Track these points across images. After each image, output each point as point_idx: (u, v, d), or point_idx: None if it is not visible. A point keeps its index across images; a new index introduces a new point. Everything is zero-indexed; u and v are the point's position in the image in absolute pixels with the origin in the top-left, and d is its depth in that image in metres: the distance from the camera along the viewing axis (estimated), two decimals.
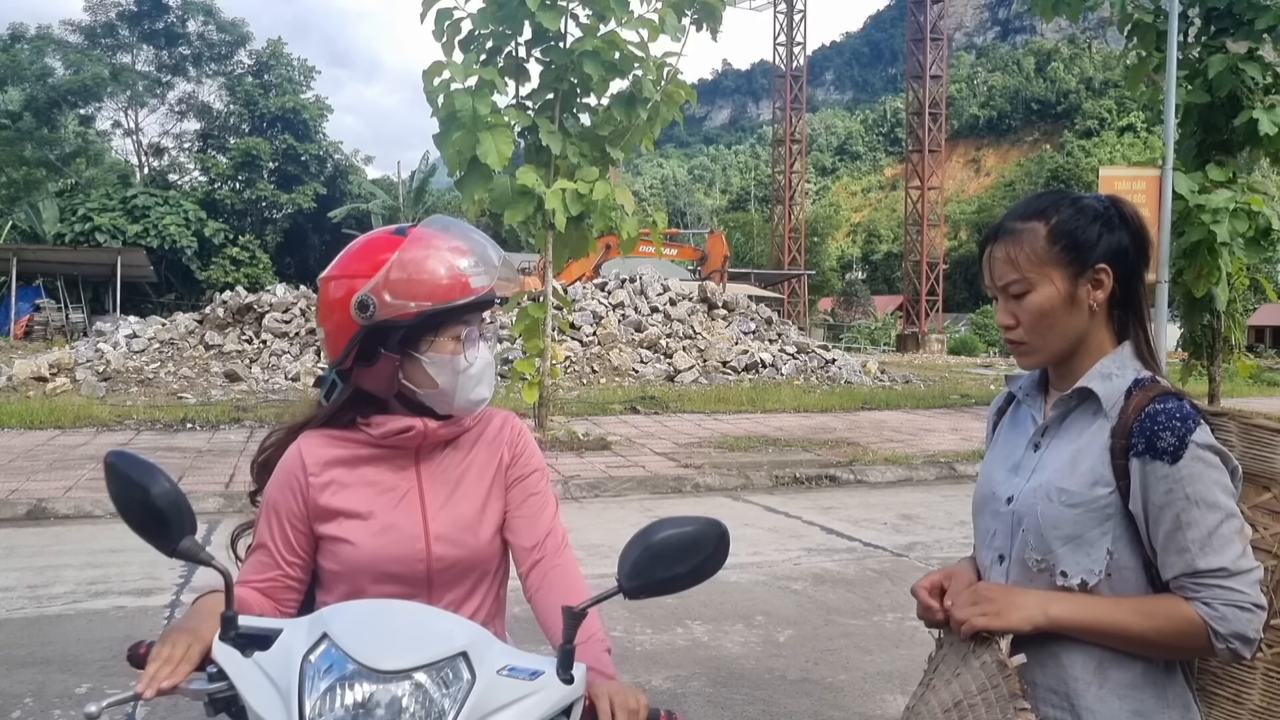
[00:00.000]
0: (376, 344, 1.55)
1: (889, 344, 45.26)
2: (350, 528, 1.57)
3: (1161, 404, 1.38)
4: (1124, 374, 1.45)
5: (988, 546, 1.53)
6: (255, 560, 1.61)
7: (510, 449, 1.69)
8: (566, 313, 15.07)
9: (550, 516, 1.67)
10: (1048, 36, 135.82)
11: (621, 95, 9.44)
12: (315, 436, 1.62)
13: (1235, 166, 11.92)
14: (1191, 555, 1.34)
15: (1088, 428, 1.44)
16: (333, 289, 1.57)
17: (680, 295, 20.75)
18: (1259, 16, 11.40)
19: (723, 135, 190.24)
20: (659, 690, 3.92)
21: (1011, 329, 1.49)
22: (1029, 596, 1.40)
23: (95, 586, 5.31)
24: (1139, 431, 1.37)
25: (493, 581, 1.68)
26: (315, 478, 1.58)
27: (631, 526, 1.38)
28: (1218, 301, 11.77)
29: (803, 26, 52.86)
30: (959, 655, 1.43)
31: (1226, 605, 1.32)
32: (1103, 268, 1.44)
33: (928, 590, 1.53)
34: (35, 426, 10.93)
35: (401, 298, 1.51)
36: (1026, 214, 1.48)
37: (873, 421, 13.43)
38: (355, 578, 1.57)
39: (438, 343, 1.56)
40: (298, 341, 16.81)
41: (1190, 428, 1.36)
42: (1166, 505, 1.35)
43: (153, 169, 50.92)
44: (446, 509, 1.62)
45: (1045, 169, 79.83)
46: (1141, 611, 1.36)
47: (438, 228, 1.59)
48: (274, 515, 1.59)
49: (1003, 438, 1.60)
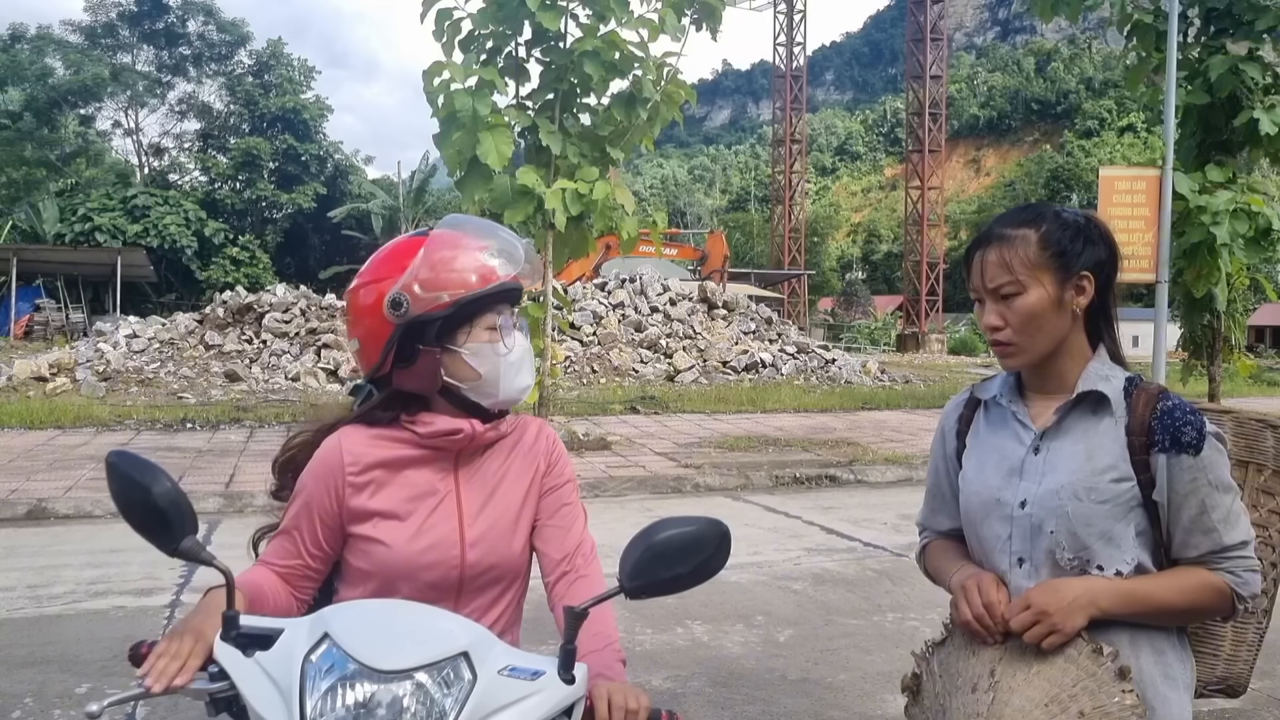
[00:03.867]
0: (413, 341, 1.55)
1: (889, 344, 45.24)
2: (386, 529, 1.57)
3: (1170, 402, 1.51)
4: (1116, 375, 1.56)
5: (1001, 551, 1.57)
6: (279, 544, 1.60)
7: (546, 458, 1.69)
8: (566, 313, 15.08)
9: (581, 528, 1.68)
10: (1048, 36, 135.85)
11: (621, 95, 9.43)
12: (357, 434, 1.61)
13: (1235, 167, 11.91)
14: (1219, 534, 1.49)
15: (1094, 427, 1.53)
16: (362, 296, 1.57)
17: (680, 295, 20.75)
18: (1259, 17, 11.39)
19: (723, 135, 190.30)
20: (659, 690, 3.91)
21: (999, 330, 1.56)
22: (1079, 594, 1.46)
23: (95, 586, 5.31)
24: (1160, 429, 1.49)
25: (517, 591, 1.68)
26: (355, 477, 1.57)
27: (632, 526, 1.38)
28: (1218, 301, 11.76)
29: (803, 26, 52.90)
30: (1025, 652, 1.46)
31: (1246, 570, 1.50)
32: (1086, 275, 1.54)
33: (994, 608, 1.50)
34: (35, 426, 10.93)
35: (433, 290, 1.52)
36: (1018, 222, 1.57)
37: (873, 421, 13.43)
38: (386, 578, 1.56)
39: (474, 333, 1.56)
40: (298, 341, 16.81)
41: (1203, 420, 1.49)
42: (1191, 493, 1.48)
43: (153, 169, 50.96)
44: (483, 516, 1.61)
45: (1045, 169, 79.84)
46: (1175, 588, 1.50)
47: (459, 224, 1.60)
48: (305, 507, 1.59)
49: (986, 444, 1.64)
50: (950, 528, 1.74)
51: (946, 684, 1.53)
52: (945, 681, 1.53)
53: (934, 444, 1.78)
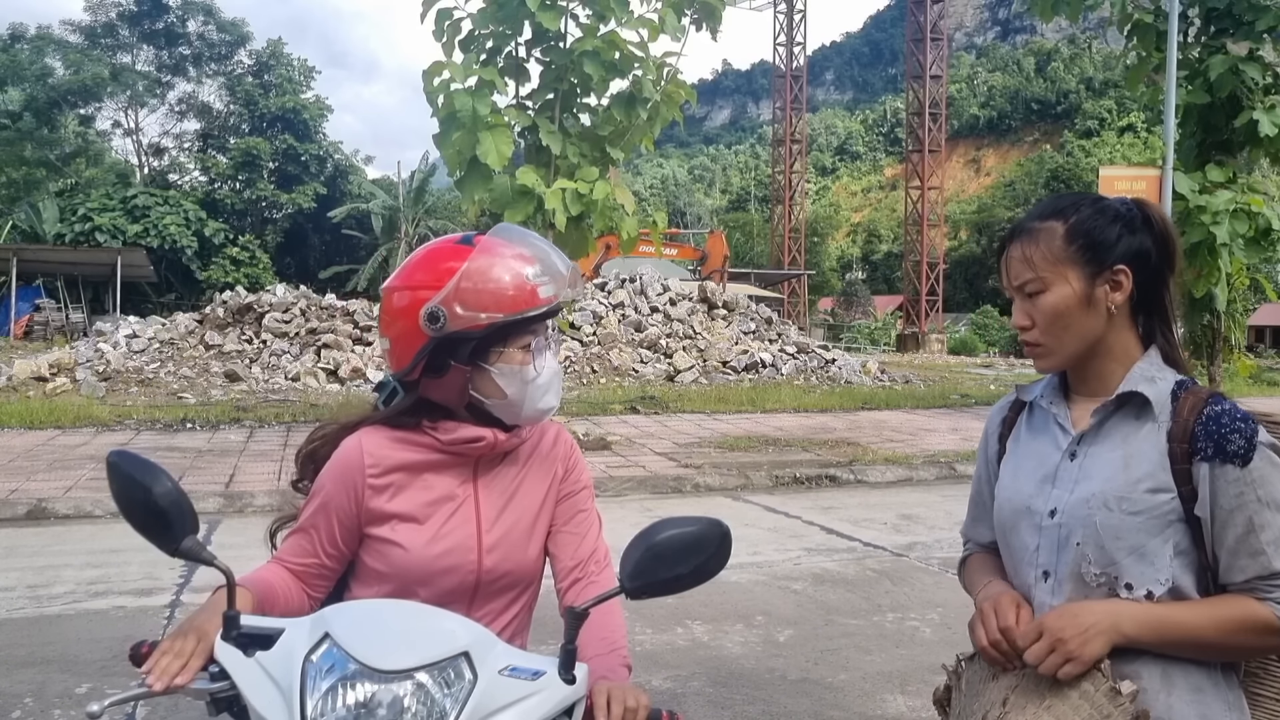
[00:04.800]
0: (446, 355, 1.53)
1: (889, 344, 45.23)
2: (404, 532, 1.57)
3: (1219, 405, 1.36)
4: (1165, 378, 1.42)
5: (1029, 564, 1.46)
6: (295, 542, 1.60)
7: (564, 464, 1.69)
8: (566, 313, 15.08)
9: (596, 535, 1.68)
10: (1048, 36, 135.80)
11: (621, 95, 9.43)
12: (378, 435, 1.60)
13: (1235, 167, 11.93)
14: (1268, 557, 1.32)
15: (1135, 433, 1.40)
16: (397, 299, 1.55)
17: (680, 295, 20.75)
18: (1259, 17, 11.41)
19: (723, 135, 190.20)
20: (659, 690, 3.92)
21: (1027, 330, 1.46)
22: (1099, 619, 1.33)
23: (95, 586, 5.31)
24: (1204, 435, 1.34)
25: (530, 596, 1.68)
26: (375, 479, 1.57)
27: (632, 526, 1.38)
28: (1218, 301, 11.78)
29: (803, 26, 52.87)
30: (1039, 682, 1.35)
31: None
32: (1121, 269, 1.41)
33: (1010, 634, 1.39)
34: (35, 426, 10.93)
35: (472, 309, 1.49)
36: (1045, 214, 1.46)
37: (873, 421, 13.43)
38: (401, 581, 1.57)
39: (506, 354, 1.55)
40: (298, 341, 16.81)
41: (1254, 428, 1.34)
42: (1238, 509, 1.32)
43: (153, 169, 50.93)
44: (500, 522, 1.61)
45: (1045, 169, 79.73)
46: (1212, 617, 1.33)
47: (504, 236, 1.57)
48: (323, 507, 1.59)
49: (1025, 448, 1.53)
50: (991, 539, 1.61)
51: (966, 706, 1.48)
52: (966, 704, 1.48)
53: (979, 448, 1.67)
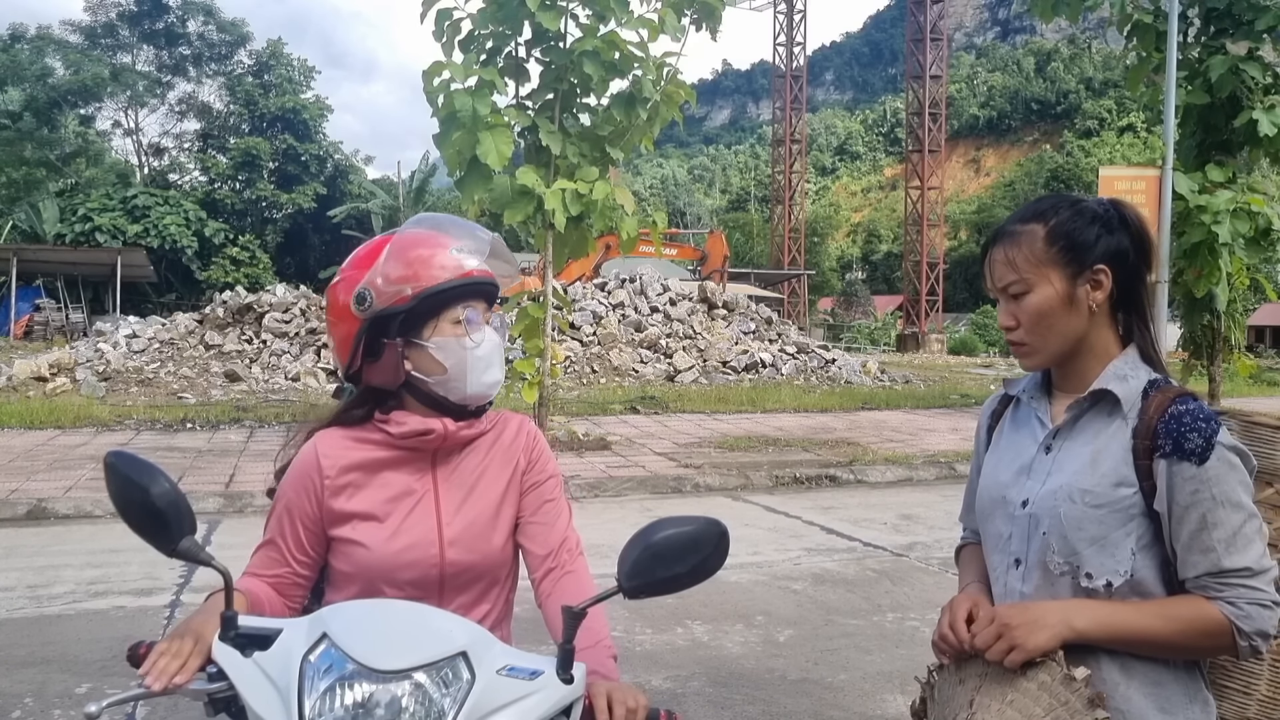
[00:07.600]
0: (379, 336, 1.56)
1: (889, 344, 45.24)
2: (364, 531, 1.57)
3: (1184, 405, 1.40)
4: (1138, 375, 1.46)
5: (1002, 551, 1.52)
6: (264, 555, 1.61)
7: (526, 455, 1.69)
8: (566, 313, 15.07)
9: (565, 524, 1.67)
10: (1048, 37, 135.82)
11: (621, 95, 9.42)
12: (332, 436, 1.62)
13: (1235, 167, 11.93)
14: (1217, 555, 1.35)
15: (1105, 429, 1.45)
16: (332, 295, 1.60)
17: (680, 295, 20.74)
18: (1259, 17, 11.41)
19: (723, 135, 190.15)
20: (659, 690, 3.91)
21: (1012, 330, 1.51)
22: (1050, 613, 1.38)
23: (95, 586, 5.31)
24: (1164, 433, 1.38)
25: (503, 587, 1.68)
26: (331, 481, 1.58)
27: (631, 526, 1.38)
28: (1218, 301, 11.78)
29: (803, 26, 52.88)
30: (1000, 681, 1.38)
31: (1251, 604, 1.35)
32: (1101, 268, 1.45)
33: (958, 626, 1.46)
34: (35, 426, 10.93)
35: (395, 283, 1.53)
36: (1026, 217, 1.50)
37: (873, 421, 13.43)
38: (367, 579, 1.57)
39: (440, 327, 1.56)
40: (298, 341, 16.81)
41: (1215, 428, 1.37)
42: (1192, 505, 1.36)
43: (153, 169, 50.94)
44: (461, 514, 1.61)
45: (1045, 169, 79.78)
46: (1164, 615, 1.37)
47: (428, 222, 1.63)
48: (287, 514, 1.60)
49: (1006, 440, 1.60)
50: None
51: (939, 714, 1.50)
52: (939, 710, 1.50)
53: (974, 440, 1.74)
